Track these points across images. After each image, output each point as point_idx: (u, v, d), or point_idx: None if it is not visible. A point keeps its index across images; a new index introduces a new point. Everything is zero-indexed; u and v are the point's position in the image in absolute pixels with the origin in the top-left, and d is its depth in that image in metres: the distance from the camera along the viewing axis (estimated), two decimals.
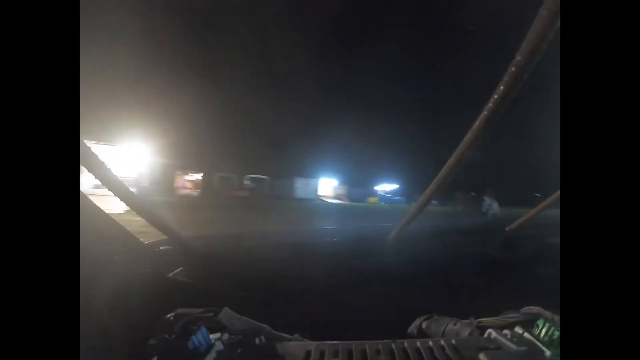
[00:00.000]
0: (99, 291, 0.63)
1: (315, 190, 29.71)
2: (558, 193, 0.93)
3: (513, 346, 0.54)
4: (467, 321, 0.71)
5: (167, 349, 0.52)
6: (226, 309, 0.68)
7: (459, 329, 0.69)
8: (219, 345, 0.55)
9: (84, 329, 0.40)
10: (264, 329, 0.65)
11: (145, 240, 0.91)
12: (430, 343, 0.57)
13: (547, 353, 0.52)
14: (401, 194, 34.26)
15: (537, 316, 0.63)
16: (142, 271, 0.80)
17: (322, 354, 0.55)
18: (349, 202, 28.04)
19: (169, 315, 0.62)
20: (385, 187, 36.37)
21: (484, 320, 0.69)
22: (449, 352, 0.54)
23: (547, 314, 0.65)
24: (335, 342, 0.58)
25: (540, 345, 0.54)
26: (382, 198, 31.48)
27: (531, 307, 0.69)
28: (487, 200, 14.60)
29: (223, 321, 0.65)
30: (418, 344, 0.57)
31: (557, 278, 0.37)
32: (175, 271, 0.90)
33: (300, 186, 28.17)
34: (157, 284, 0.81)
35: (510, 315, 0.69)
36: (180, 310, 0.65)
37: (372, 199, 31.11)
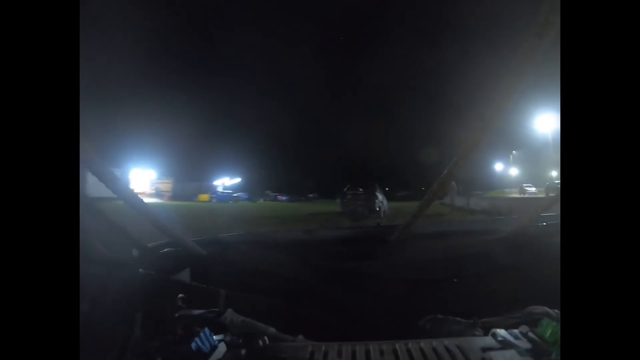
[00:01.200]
0: (102, 292, 0.64)
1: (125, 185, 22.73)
2: (558, 193, 0.93)
3: (517, 346, 0.54)
4: (471, 321, 0.70)
5: (171, 350, 0.53)
6: (230, 310, 0.68)
7: (463, 329, 0.69)
8: (222, 347, 0.55)
9: (86, 330, 0.40)
10: (267, 330, 0.65)
11: (149, 242, 0.91)
12: (434, 343, 0.57)
13: (552, 352, 0.51)
14: (245, 189, 28.68)
15: (542, 315, 0.63)
16: (146, 273, 0.81)
17: (325, 355, 0.55)
18: (168, 202, 21.62)
19: (172, 317, 0.63)
20: (227, 182, 30.07)
21: (488, 319, 0.69)
22: (453, 352, 0.54)
23: (552, 313, 0.64)
24: (338, 343, 0.58)
25: (545, 344, 0.53)
26: (218, 195, 25.90)
27: (535, 307, 0.69)
28: (380, 197, 12.52)
29: (227, 322, 0.65)
30: (422, 344, 0.57)
31: (559, 277, 0.37)
32: (179, 273, 0.90)
33: (96, 179, 20.28)
34: (161, 286, 0.81)
35: (515, 315, 0.69)
36: (183, 312, 0.66)
37: (203, 196, 25.31)
